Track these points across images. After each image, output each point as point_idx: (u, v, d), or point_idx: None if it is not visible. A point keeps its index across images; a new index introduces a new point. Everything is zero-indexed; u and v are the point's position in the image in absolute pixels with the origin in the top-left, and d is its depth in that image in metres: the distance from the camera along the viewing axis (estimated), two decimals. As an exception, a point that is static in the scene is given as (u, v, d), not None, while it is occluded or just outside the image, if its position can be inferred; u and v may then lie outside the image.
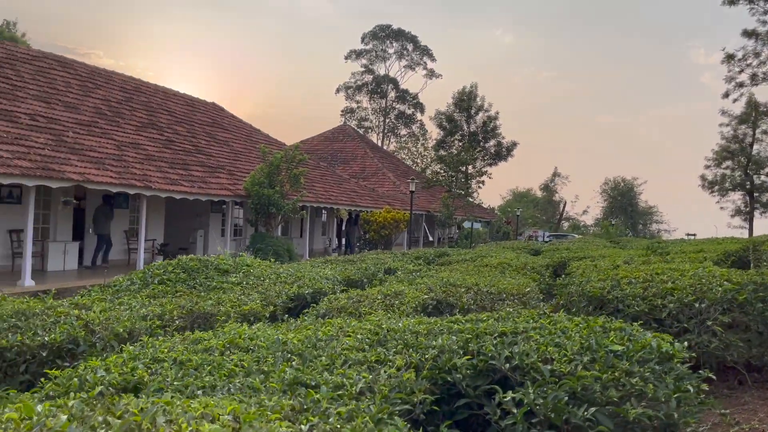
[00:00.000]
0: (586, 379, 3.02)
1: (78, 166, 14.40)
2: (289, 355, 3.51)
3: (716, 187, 50.48)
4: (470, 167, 44.64)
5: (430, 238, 41.99)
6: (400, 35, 67.95)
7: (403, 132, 69.12)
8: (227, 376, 3.16)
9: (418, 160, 64.65)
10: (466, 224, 32.46)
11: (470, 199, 46.63)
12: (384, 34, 67.67)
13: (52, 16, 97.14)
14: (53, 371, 3.15)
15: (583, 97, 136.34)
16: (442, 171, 37.65)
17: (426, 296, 5.97)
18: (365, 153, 43.26)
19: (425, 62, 67.81)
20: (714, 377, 3.52)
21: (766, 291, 5.78)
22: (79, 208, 18.53)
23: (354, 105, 67.75)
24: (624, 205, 76.16)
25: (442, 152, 46.95)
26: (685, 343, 3.69)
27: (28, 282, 13.43)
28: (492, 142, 53.66)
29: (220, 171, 20.60)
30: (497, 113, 53.18)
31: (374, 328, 4.04)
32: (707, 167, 50.94)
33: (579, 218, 79.34)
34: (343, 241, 29.45)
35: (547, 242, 30.18)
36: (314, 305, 6.09)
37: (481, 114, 53.55)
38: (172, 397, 2.34)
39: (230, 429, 1.77)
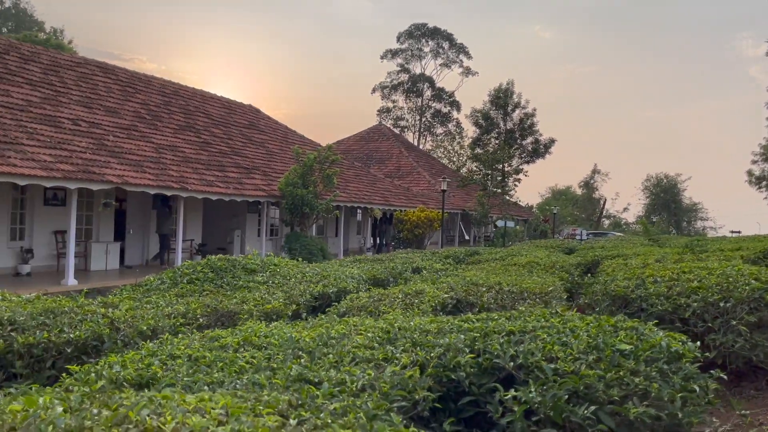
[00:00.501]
0: (588, 378, 3.02)
1: (117, 169, 14.84)
2: (300, 353, 3.60)
3: (764, 183, 48.92)
4: (506, 165, 44.28)
5: (466, 237, 41.81)
6: (435, 33, 67.75)
7: (440, 130, 68.87)
8: (237, 372, 3.26)
9: (454, 158, 64.46)
10: (500, 223, 32.20)
11: (507, 197, 46.26)
12: (420, 32, 67.58)
13: (98, 23, 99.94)
14: (74, 367, 3.31)
15: (625, 92, 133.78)
16: (477, 169, 37.41)
17: (446, 295, 6.00)
18: (400, 152, 43.32)
19: (461, 60, 67.49)
20: (725, 377, 3.46)
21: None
22: (120, 209, 19.08)
23: (390, 104, 67.84)
24: (667, 201, 74.40)
25: (478, 150, 46.67)
26: (698, 343, 3.65)
27: (72, 281, 13.91)
28: (529, 140, 53.06)
29: (255, 172, 20.94)
30: (534, 110, 52.55)
31: (386, 327, 4.10)
32: (754, 162, 49.46)
33: (620, 216, 77.93)
34: (377, 240, 29.57)
35: (584, 240, 29.72)
36: (336, 304, 6.18)
37: (518, 111, 53.00)
38: (173, 392, 2.45)
39: (216, 422, 1.85)
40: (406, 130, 67.99)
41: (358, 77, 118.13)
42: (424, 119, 68.77)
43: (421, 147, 66.22)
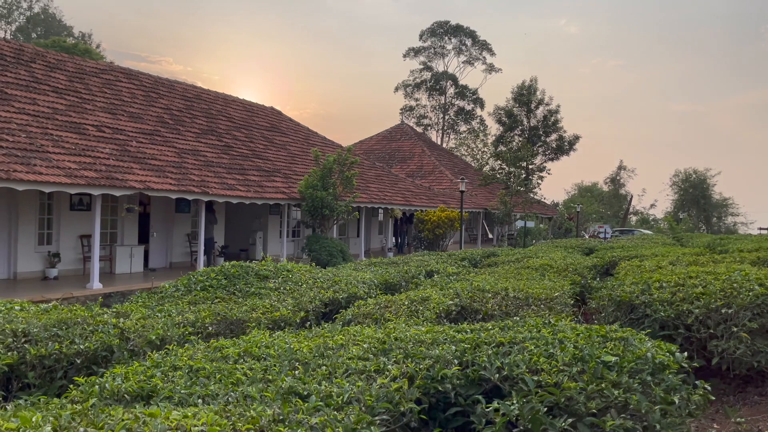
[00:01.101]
0: (569, 390, 3.11)
1: (140, 175, 15.18)
2: (296, 364, 3.73)
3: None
4: (530, 163, 44.04)
5: (490, 236, 41.67)
6: (458, 31, 67.55)
7: (463, 128, 68.63)
8: (234, 384, 3.41)
9: (478, 156, 64.33)
10: (519, 223, 32.05)
11: (531, 195, 46.02)
12: (442, 30, 67.44)
13: (126, 27, 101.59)
14: (80, 379, 3.49)
15: (652, 86, 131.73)
16: (499, 168, 37.31)
17: (451, 302, 6.09)
18: (422, 151, 43.35)
19: (484, 57, 67.22)
20: (708, 388, 3.51)
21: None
22: (144, 212, 19.47)
23: (413, 103, 67.81)
24: (696, 197, 73.16)
25: (501, 148, 46.47)
26: (685, 354, 3.70)
27: (96, 285, 14.27)
28: (553, 137, 52.82)
29: (276, 174, 21.19)
30: (558, 107, 52.31)
31: (382, 337, 4.21)
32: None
33: (647, 212, 76.88)
34: (399, 240, 29.69)
35: (607, 239, 29.43)
36: (344, 310, 6.31)
37: (541, 108, 52.78)
38: (163, 407, 2.60)
39: (192, 440, 1.99)
40: (429, 128, 67.97)
41: (382, 76, 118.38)
42: (447, 117, 68.65)
43: (444, 145, 66.15)
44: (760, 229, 41.63)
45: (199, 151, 19.40)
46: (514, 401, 3.10)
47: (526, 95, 52.06)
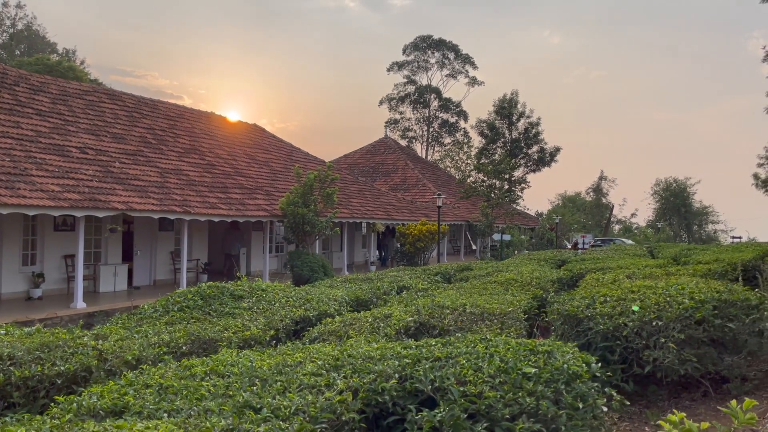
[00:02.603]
0: (488, 399, 3.58)
1: (122, 196, 15.55)
2: (256, 380, 4.17)
3: (770, 186, 48.88)
4: (512, 175, 44.73)
5: (474, 247, 42.23)
6: (441, 45, 68.54)
7: (447, 140, 69.42)
8: (198, 399, 3.83)
9: (462, 167, 65.06)
10: (496, 236, 32.63)
11: (514, 206, 46.63)
12: (425, 44, 68.43)
13: (111, 42, 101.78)
14: (60, 398, 3.90)
15: (636, 95, 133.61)
16: (479, 181, 37.95)
17: (410, 319, 6.55)
18: (406, 164, 43.94)
19: (467, 71, 68.25)
20: (615, 394, 3.99)
21: (728, 308, 6.12)
22: (128, 231, 19.80)
23: (398, 116, 68.58)
24: (677, 206, 74.35)
25: (484, 160, 47.13)
26: (599, 364, 4.18)
27: (80, 304, 14.60)
28: (535, 148, 53.61)
29: (258, 192, 21.61)
30: (539, 119, 53.15)
31: (337, 354, 4.66)
32: (760, 165, 49.42)
33: (631, 221, 77.95)
34: (383, 253, 30.15)
35: (584, 249, 30.02)
36: (311, 328, 6.75)
37: (522, 120, 53.61)
38: (130, 421, 3.03)
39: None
40: (414, 140, 68.72)
41: (369, 88, 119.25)
42: (431, 129, 69.45)
43: (429, 157, 66.88)
44: (733, 238, 42.47)
45: (181, 171, 19.79)
46: (442, 409, 3.56)
47: (507, 108, 52.88)
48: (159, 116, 23.79)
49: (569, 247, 46.40)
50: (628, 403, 4.60)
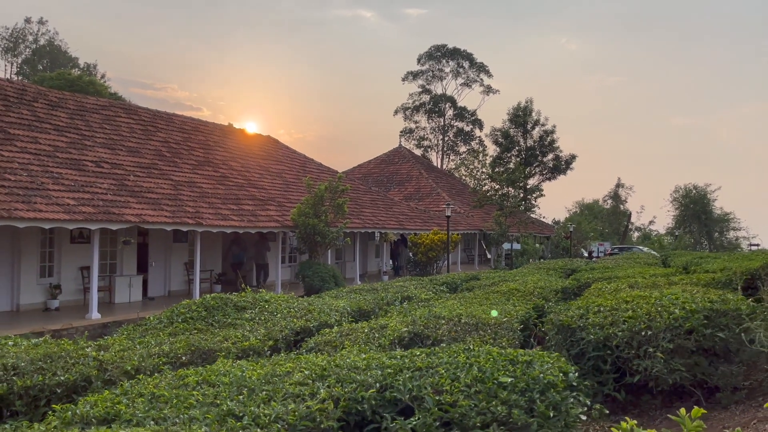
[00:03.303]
0: (461, 408, 3.71)
1: (136, 208, 15.88)
2: (243, 390, 4.34)
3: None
4: (526, 183, 44.69)
5: (488, 256, 42.19)
6: (455, 54, 68.75)
7: (463, 149, 69.44)
8: (186, 408, 4.01)
9: (477, 175, 65.03)
10: (506, 246, 32.60)
11: (529, 214, 46.52)
12: (440, 53, 68.67)
13: (131, 55, 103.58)
14: (56, 406, 4.10)
15: (654, 100, 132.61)
16: (492, 189, 37.96)
17: (405, 329, 6.68)
18: (419, 174, 44.10)
19: (481, 79, 68.32)
20: (588, 404, 4.09)
21: (719, 318, 6.18)
22: (143, 243, 20.15)
23: (412, 125, 68.79)
24: (697, 212, 73.51)
25: (498, 169, 47.10)
26: (576, 373, 4.29)
27: (95, 315, 14.92)
28: (550, 156, 53.47)
29: (270, 203, 21.88)
30: (554, 127, 52.99)
31: (324, 364, 4.81)
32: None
33: (650, 228, 77.28)
34: (396, 262, 30.28)
35: (598, 258, 29.89)
36: (308, 339, 6.91)
37: (537, 128, 53.54)
38: (120, 428, 3.21)
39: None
40: (429, 149, 68.86)
41: (384, 99, 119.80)
42: (447, 138, 69.55)
43: (444, 166, 66.97)
44: (751, 245, 41.93)
45: (195, 183, 20.13)
46: (416, 417, 3.70)
47: (521, 116, 52.83)
48: (174, 129, 24.22)
49: (586, 255, 46.19)
50: (608, 411, 4.69)
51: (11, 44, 74.81)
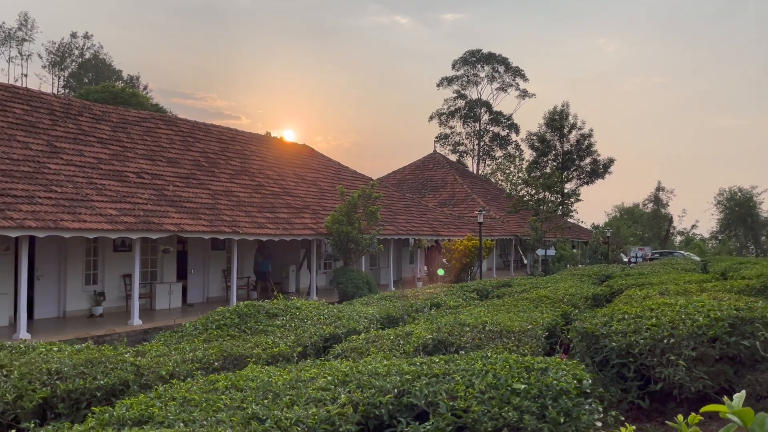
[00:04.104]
0: (474, 413, 3.85)
1: (174, 218, 16.39)
2: (269, 394, 4.56)
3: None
4: (563, 188, 44.23)
5: (525, 261, 41.90)
6: (490, 59, 68.56)
7: (499, 154, 69.09)
8: (214, 411, 4.25)
9: (513, 180, 64.58)
10: (539, 252, 32.34)
11: (567, 219, 46.00)
12: (474, 59, 68.57)
13: (173, 66, 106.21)
14: (96, 408, 4.38)
15: (698, 101, 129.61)
16: (527, 195, 37.73)
17: (429, 336, 6.84)
18: (454, 179, 44.10)
19: (517, 83, 67.98)
20: (601, 410, 4.18)
21: (744, 326, 6.17)
22: (183, 250, 20.72)
23: (448, 131, 68.77)
24: (743, 216, 71.56)
25: (535, 173, 46.72)
26: (590, 381, 4.39)
27: (137, 321, 15.44)
28: (587, 160, 52.82)
29: (305, 211, 22.26)
30: (591, 130, 52.40)
31: (347, 370, 5.00)
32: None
33: (694, 233, 75.53)
34: (429, 268, 30.34)
35: (635, 263, 29.43)
36: (335, 345, 7.12)
37: (574, 132, 52.98)
38: (150, 429, 3.45)
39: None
40: (465, 155, 68.72)
41: (419, 104, 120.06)
42: (482, 143, 69.31)
43: (480, 171, 66.74)
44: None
45: (232, 192, 20.62)
46: (431, 422, 3.86)
47: (558, 120, 52.37)
48: (212, 140, 24.83)
49: (626, 260, 45.40)
50: (623, 418, 4.76)
51: (58, 58, 77.64)
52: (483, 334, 6.98)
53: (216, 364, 6.28)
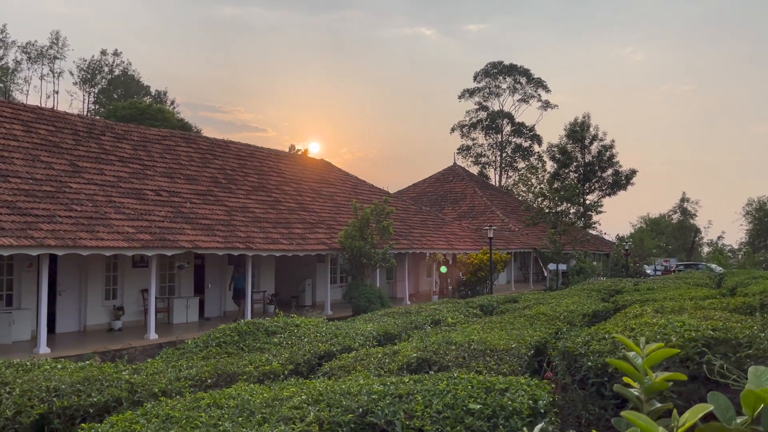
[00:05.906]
0: (426, 433, 4.11)
1: (190, 234, 16.90)
2: (245, 412, 4.88)
3: None
4: (584, 200, 44.11)
5: (545, 274, 41.77)
6: (512, 70, 68.74)
7: (521, 165, 68.98)
8: (192, 428, 4.58)
9: (535, 191, 64.37)
10: (551, 266, 32.27)
11: (589, 230, 45.76)
12: (496, 70, 68.82)
13: (200, 79, 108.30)
14: (85, 425, 4.74)
15: (730, 108, 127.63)
16: (547, 207, 37.70)
17: (414, 355, 7.09)
18: (474, 192, 44.23)
19: (539, 94, 68.02)
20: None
21: (718, 346, 6.32)
22: (200, 265, 21.25)
23: (469, 142, 68.94)
24: (773, 226, 70.29)
25: (556, 185, 46.62)
26: (549, 400, 4.62)
27: (153, 335, 15.92)
28: (609, 172, 52.56)
29: (320, 226, 22.66)
30: (613, 141, 52.21)
31: (321, 389, 5.30)
32: None
33: (720, 244, 74.32)
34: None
35: (654, 275, 29.16)
36: (325, 363, 7.41)
37: (595, 143, 52.81)
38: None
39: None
40: (487, 166, 68.76)
41: (443, 114, 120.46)
42: (504, 155, 69.33)
43: (503, 182, 66.73)
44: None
45: (248, 208, 21.12)
46: (386, 441, 4.13)
47: (579, 132, 52.28)
48: (230, 156, 25.43)
49: (649, 272, 44.90)
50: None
51: (89, 75, 79.85)
52: (467, 352, 7.21)
53: (209, 381, 6.61)
